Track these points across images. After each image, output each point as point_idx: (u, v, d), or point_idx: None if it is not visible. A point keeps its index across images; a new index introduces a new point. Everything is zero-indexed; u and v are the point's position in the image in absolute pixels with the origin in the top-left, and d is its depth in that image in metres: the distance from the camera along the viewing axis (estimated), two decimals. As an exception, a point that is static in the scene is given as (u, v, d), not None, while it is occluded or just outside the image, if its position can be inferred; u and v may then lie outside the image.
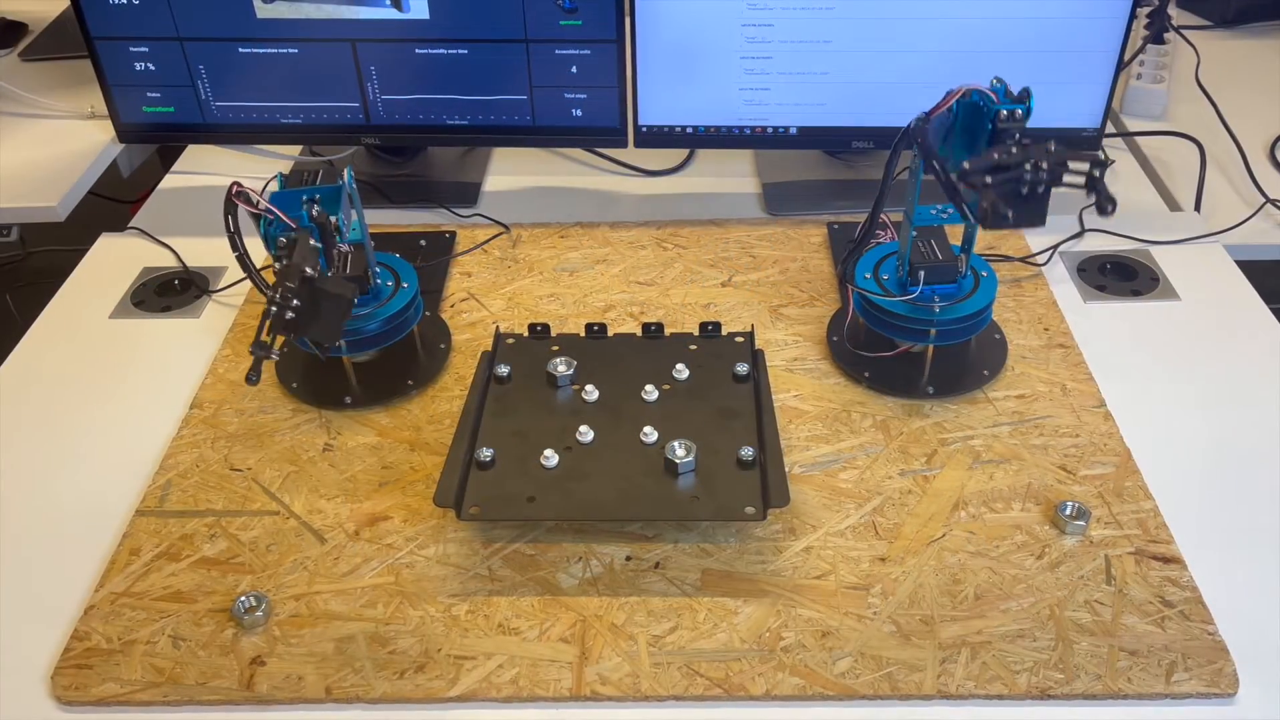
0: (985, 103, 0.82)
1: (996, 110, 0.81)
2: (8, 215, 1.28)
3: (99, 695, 0.76)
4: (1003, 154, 0.78)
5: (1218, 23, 1.67)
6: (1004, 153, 0.78)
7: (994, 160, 0.78)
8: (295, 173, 0.90)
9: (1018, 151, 0.78)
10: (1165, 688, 0.74)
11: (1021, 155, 0.78)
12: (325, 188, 0.87)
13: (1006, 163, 0.78)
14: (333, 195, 0.86)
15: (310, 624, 0.80)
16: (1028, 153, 0.78)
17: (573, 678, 0.76)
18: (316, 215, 0.84)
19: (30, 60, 1.59)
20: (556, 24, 1.16)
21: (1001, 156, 0.78)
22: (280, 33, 1.17)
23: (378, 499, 0.89)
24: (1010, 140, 0.79)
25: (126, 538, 0.86)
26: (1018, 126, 0.80)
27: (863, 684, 0.75)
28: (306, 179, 0.89)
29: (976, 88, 0.82)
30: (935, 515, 0.87)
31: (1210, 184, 1.27)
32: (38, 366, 1.06)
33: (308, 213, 0.84)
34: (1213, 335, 1.05)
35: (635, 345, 0.98)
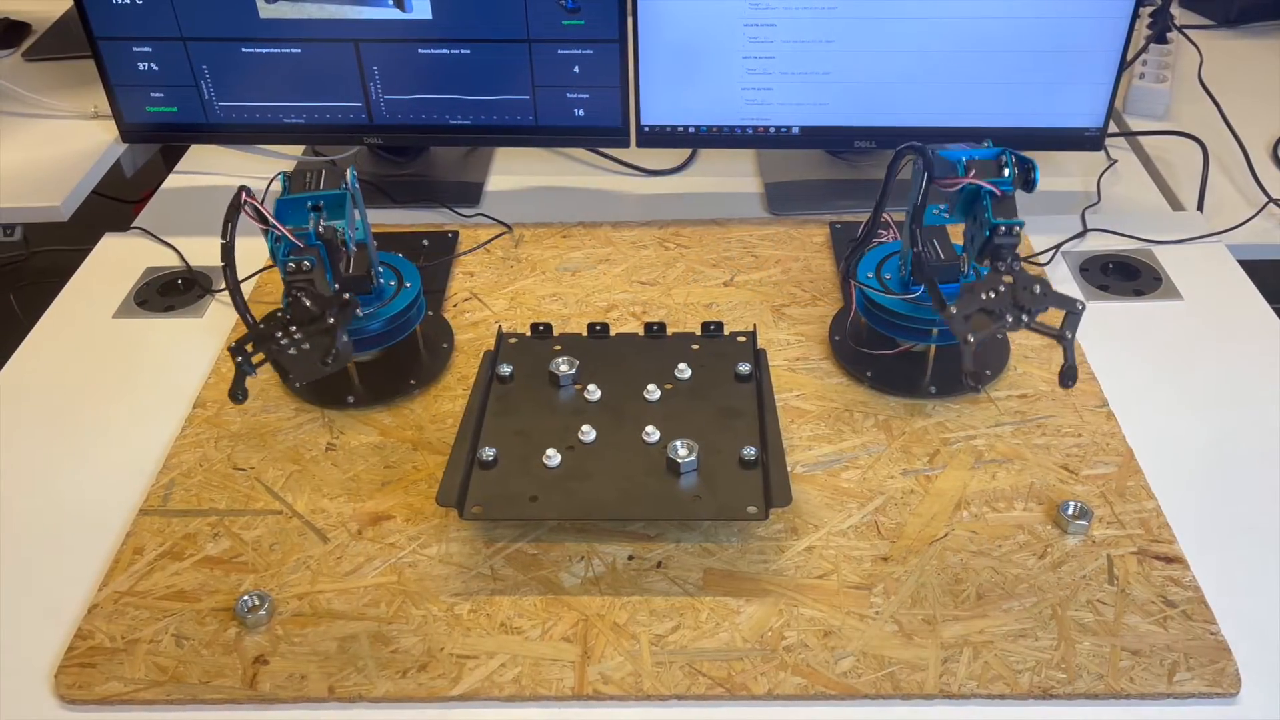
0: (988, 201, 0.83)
1: (994, 223, 0.83)
2: (11, 215, 1.29)
3: (102, 694, 0.76)
4: (989, 292, 0.81)
5: (1220, 22, 1.66)
6: (991, 290, 0.81)
7: (981, 302, 0.81)
8: (298, 173, 0.90)
9: (1004, 292, 0.81)
10: (1167, 687, 0.74)
11: (1008, 298, 0.81)
12: (329, 194, 0.87)
13: (990, 307, 0.81)
14: (337, 201, 0.86)
15: (313, 623, 0.80)
16: (1014, 294, 0.81)
17: (575, 677, 0.76)
18: (323, 232, 0.83)
19: (34, 60, 1.59)
20: (559, 24, 1.16)
21: (988, 297, 0.81)
22: (283, 33, 1.17)
23: (380, 498, 0.89)
24: (1002, 265, 0.82)
25: (130, 537, 0.87)
26: (1013, 246, 0.82)
27: (865, 683, 0.75)
28: (309, 179, 0.89)
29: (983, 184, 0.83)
30: (937, 515, 0.87)
31: (1213, 183, 1.27)
32: (41, 366, 1.06)
33: (314, 230, 0.84)
34: (1215, 335, 1.05)
35: (637, 345, 0.98)
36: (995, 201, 0.83)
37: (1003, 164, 0.84)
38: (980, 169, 0.85)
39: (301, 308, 0.82)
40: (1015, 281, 0.82)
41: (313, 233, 0.84)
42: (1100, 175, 1.29)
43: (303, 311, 0.82)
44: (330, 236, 0.84)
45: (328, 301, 0.83)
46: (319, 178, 0.89)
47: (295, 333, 0.82)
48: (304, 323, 0.82)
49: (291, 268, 0.82)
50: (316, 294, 0.82)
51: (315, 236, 0.84)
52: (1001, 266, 0.81)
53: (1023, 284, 0.82)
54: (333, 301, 0.83)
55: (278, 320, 0.83)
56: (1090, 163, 1.32)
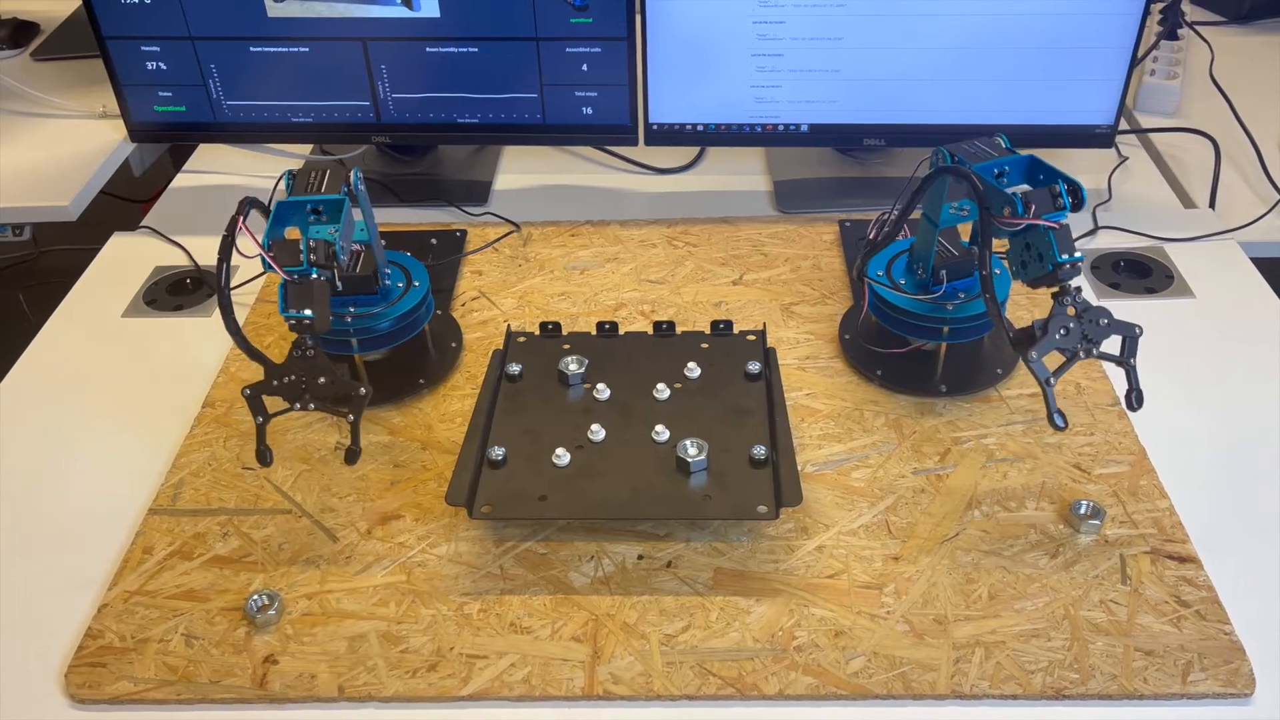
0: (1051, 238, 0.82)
1: (1059, 260, 0.82)
2: (20, 214, 1.29)
3: (112, 693, 0.76)
4: (1061, 330, 0.81)
5: (1231, 19, 1.66)
6: (1062, 327, 0.81)
7: (1056, 343, 0.81)
8: (303, 171, 0.89)
9: (1074, 328, 0.81)
10: (1181, 688, 0.74)
11: (1078, 333, 0.82)
12: (328, 198, 0.85)
13: (1063, 345, 0.82)
14: (335, 206, 0.85)
15: (322, 622, 0.80)
16: (1083, 328, 0.82)
17: (585, 677, 0.76)
18: (316, 259, 0.81)
19: (42, 60, 1.59)
20: (567, 22, 1.15)
21: (1062, 335, 0.81)
22: (291, 32, 1.17)
23: (389, 498, 0.89)
24: (1068, 299, 0.82)
25: (139, 536, 0.87)
26: (1075, 278, 0.82)
27: (876, 684, 0.75)
28: (313, 179, 0.88)
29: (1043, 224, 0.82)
30: (948, 514, 0.86)
31: (1225, 181, 1.26)
32: (50, 365, 1.06)
33: (308, 257, 0.81)
34: (1228, 333, 1.05)
35: (646, 344, 0.98)
36: (1057, 236, 0.82)
37: (1057, 193, 0.82)
38: (1036, 200, 0.82)
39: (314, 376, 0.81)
40: (1081, 314, 0.82)
41: (306, 259, 0.81)
42: (1111, 172, 1.29)
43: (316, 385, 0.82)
44: (324, 261, 0.82)
45: (344, 385, 0.82)
46: (322, 178, 0.88)
47: (310, 400, 0.82)
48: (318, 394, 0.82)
49: (293, 322, 0.81)
50: (327, 368, 0.82)
51: (309, 262, 0.81)
52: (1067, 300, 0.82)
53: (1090, 317, 0.82)
54: (347, 387, 0.82)
55: (295, 384, 0.82)
56: (1101, 160, 1.31)
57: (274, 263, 0.81)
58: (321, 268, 0.81)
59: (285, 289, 0.82)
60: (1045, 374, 0.82)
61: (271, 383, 0.81)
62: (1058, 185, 0.82)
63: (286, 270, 0.81)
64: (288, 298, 0.81)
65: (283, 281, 0.82)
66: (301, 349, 0.81)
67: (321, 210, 0.85)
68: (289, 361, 0.82)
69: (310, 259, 0.81)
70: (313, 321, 0.81)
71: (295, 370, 0.81)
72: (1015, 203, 0.81)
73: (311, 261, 0.81)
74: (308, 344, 0.81)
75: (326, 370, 0.82)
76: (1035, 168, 0.88)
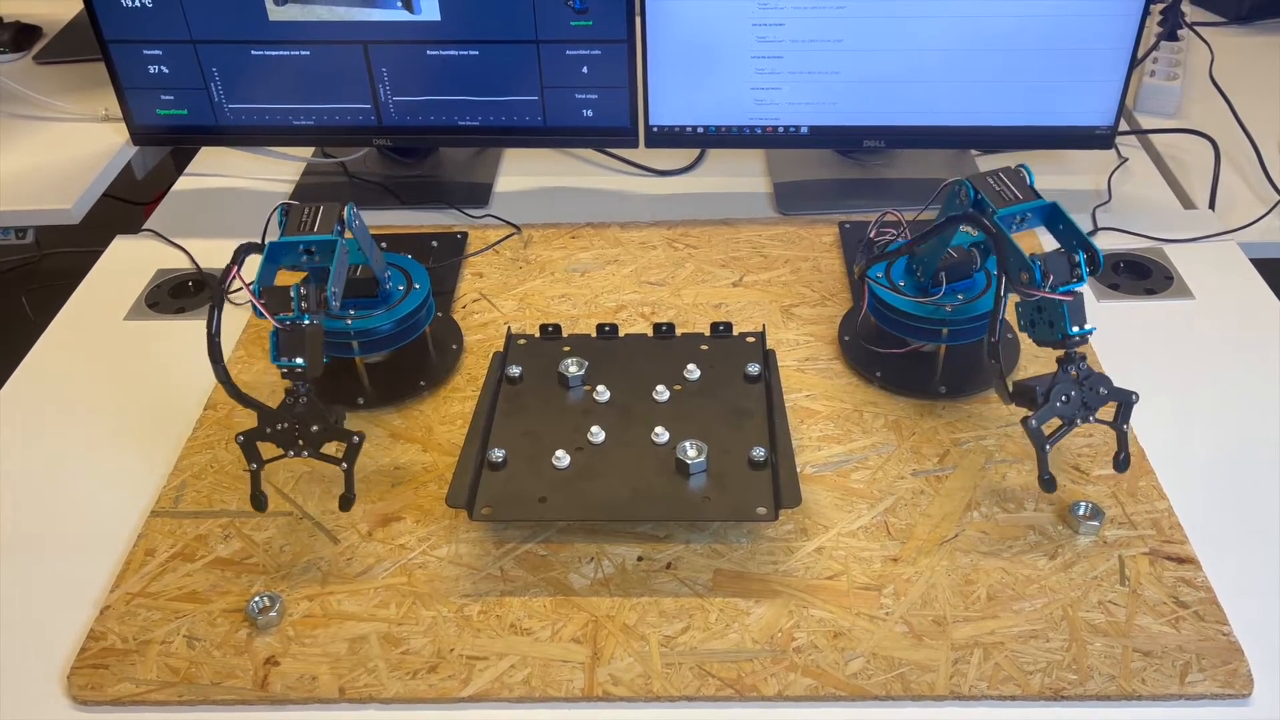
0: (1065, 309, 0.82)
1: (1069, 333, 0.82)
2: (23, 217, 1.29)
3: (114, 695, 0.76)
4: (1062, 398, 0.82)
5: (1231, 19, 1.66)
6: (1063, 395, 0.82)
7: (1057, 410, 0.83)
8: (296, 209, 0.87)
9: (1074, 396, 0.83)
10: (1180, 689, 0.74)
11: (1078, 401, 0.83)
12: (321, 238, 0.84)
13: (1063, 413, 0.83)
14: (327, 247, 0.84)
15: (324, 624, 0.80)
16: (1083, 396, 0.83)
17: (584, 678, 0.76)
18: (307, 306, 0.80)
19: (44, 63, 1.60)
20: (567, 24, 1.16)
21: (1063, 403, 0.82)
22: (292, 35, 1.18)
23: (390, 499, 0.90)
24: (1073, 367, 0.83)
25: (142, 538, 0.87)
26: (1082, 353, 0.83)
27: (875, 684, 0.75)
28: (306, 216, 0.86)
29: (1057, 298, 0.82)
30: (948, 515, 0.87)
31: (1225, 181, 1.26)
32: (53, 368, 1.06)
33: (298, 305, 0.80)
34: (1227, 334, 1.05)
35: (646, 345, 0.98)
36: (1070, 308, 0.82)
37: (1075, 263, 0.82)
38: (1054, 270, 0.81)
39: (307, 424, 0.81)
40: (1082, 381, 0.83)
41: (297, 306, 0.80)
42: (1111, 174, 1.29)
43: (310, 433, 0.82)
44: (314, 308, 0.81)
45: (337, 433, 0.82)
46: (315, 216, 0.86)
47: (304, 448, 0.82)
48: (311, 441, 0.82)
49: (285, 371, 0.81)
50: (321, 415, 0.82)
51: (300, 309, 0.80)
52: (1072, 369, 0.83)
53: (1090, 384, 0.83)
54: (340, 435, 0.82)
55: (288, 431, 0.81)
56: (1101, 161, 1.31)
57: (265, 310, 0.80)
58: (313, 314, 0.81)
59: (276, 336, 0.80)
60: (1043, 440, 0.83)
61: (265, 430, 0.81)
62: (1077, 255, 0.82)
63: (278, 318, 0.80)
64: (279, 345, 0.80)
65: (274, 329, 0.81)
66: (295, 397, 0.81)
67: (314, 250, 0.84)
68: (283, 408, 0.81)
69: (301, 306, 0.80)
70: (304, 369, 0.80)
71: (289, 418, 0.81)
72: (1034, 272, 0.81)
73: (303, 309, 0.80)
74: (301, 392, 0.81)
75: (320, 418, 0.81)
76: (1055, 217, 0.86)
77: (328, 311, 0.82)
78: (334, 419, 0.83)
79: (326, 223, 0.85)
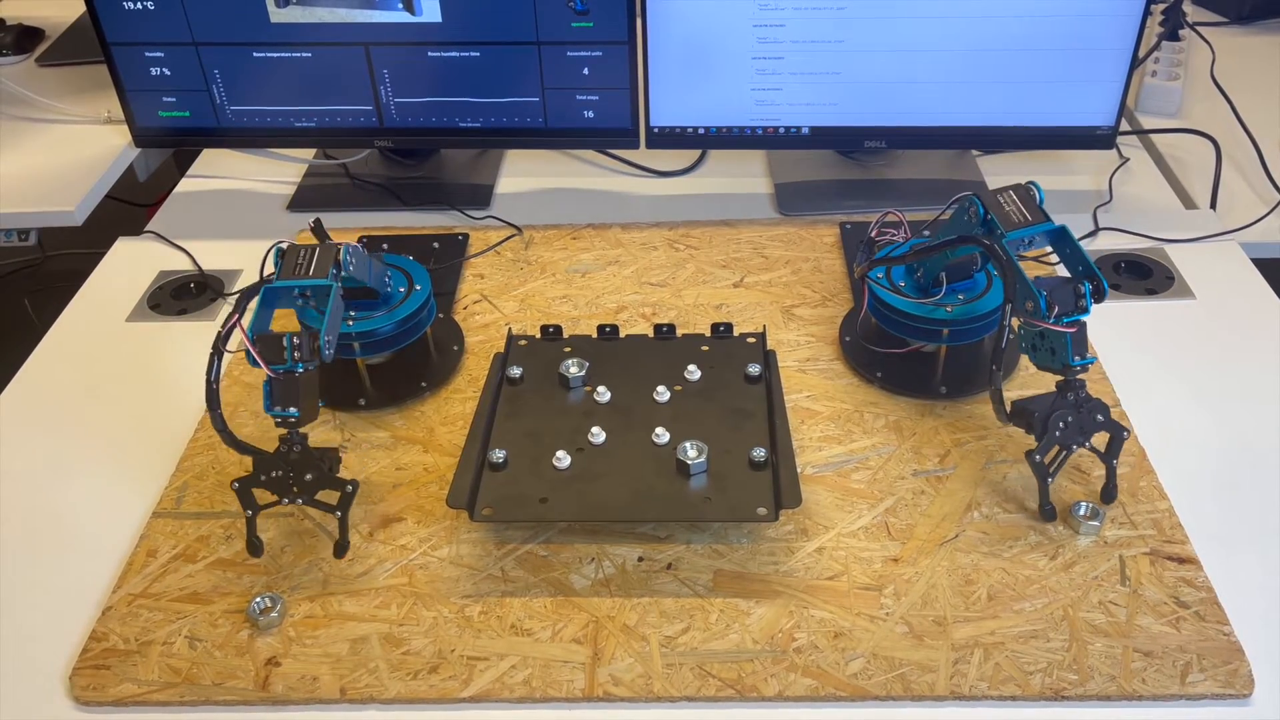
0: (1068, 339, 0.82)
1: (1070, 363, 0.82)
2: (26, 219, 1.30)
3: (116, 695, 0.76)
4: (1061, 424, 0.83)
5: (1233, 19, 1.65)
6: (1061, 421, 0.83)
7: (1057, 439, 0.83)
8: (292, 250, 0.86)
9: (1072, 423, 0.83)
10: (1180, 689, 0.74)
11: (1076, 427, 0.83)
12: (316, 283, 0.83)
13: (1063, 441, 0.84)
14: (323, 291, 0.83)
15: (325, 625, 0.80)
16: (1080, 422, 0.83)
17: (585, 678, 0.76)
18: (300, 355, 0.80)
19: (47, 65, 1.60)
20: (568, 26, 1.16)
21: (1061, 430, 0.83)
22: (294, 37, 1.18)
23: (391, 500, 0.90)
24: (1073, 395, 0.83)
25: (143, 539, 0.87)
26: (1081, 380, 0.84)
27: (875, 685, 0.75)
28: (302, 259, 0.85)
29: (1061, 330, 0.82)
30: (948, 516, 0.87)
31: (1226, 181, 1.26)
32: (55, 369, 1.07)
33: (291, 354, 0.80)
34: (1228, 334, 1.05)
35: (647, 346, 0.98)
36: (1074, 339, 0.82)
37: (1080, 294, 0.82)
38: (1059, 300, 0.81)
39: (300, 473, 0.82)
40: (1080, 406, 0.83)
41: (289, 356, 0.80)
42: (1112, 174, 1.29)
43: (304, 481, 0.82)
44: (308, 356, 0.80)
45: (331, 482, 0.82)
46: (311, 259, 0.85)
47: (298, 495, 0.82)
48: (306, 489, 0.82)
49: (279, 420, 0.81)
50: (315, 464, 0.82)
51: (292, 359, 0.80)
52: (1071, 396, 0.83)
53: (1088, 410, 0.83)
54: (334, 484, 0.82)
55: (283, 479, 0.82)
56: (1102, 161, 1.31)
57: (260, 359, 0.80)
58: (306, 362, 0.80)
59: (270, 385, 0.80)
60: (1044, 472, 0.84)
61: (260, 477, 0.81)
62: (1082, 287, 0.82)
63: (272, 368, 0.80)
64: (273, 395, 0.80)
65: (267, 378, 0.80)
66: (289, 445, 0.81)
67: (309, 294, 0.84)
68: (277, 455, 0.82)
69: (294, 356, 0.80)
70: (298, 419, 0.80)
71: (283, 465, 0.81)
72: (1039, 302, 0.81)
73: (295, 358, 0.80)
74: (295, 440, 0.81)
75: (314, 466, 0.82)
76: (1063, 241, 0.86)
77: (321, 359, 0.81)
78: (328, 466, 0.83)
79: (322, 266, 0.84)
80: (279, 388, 0.80)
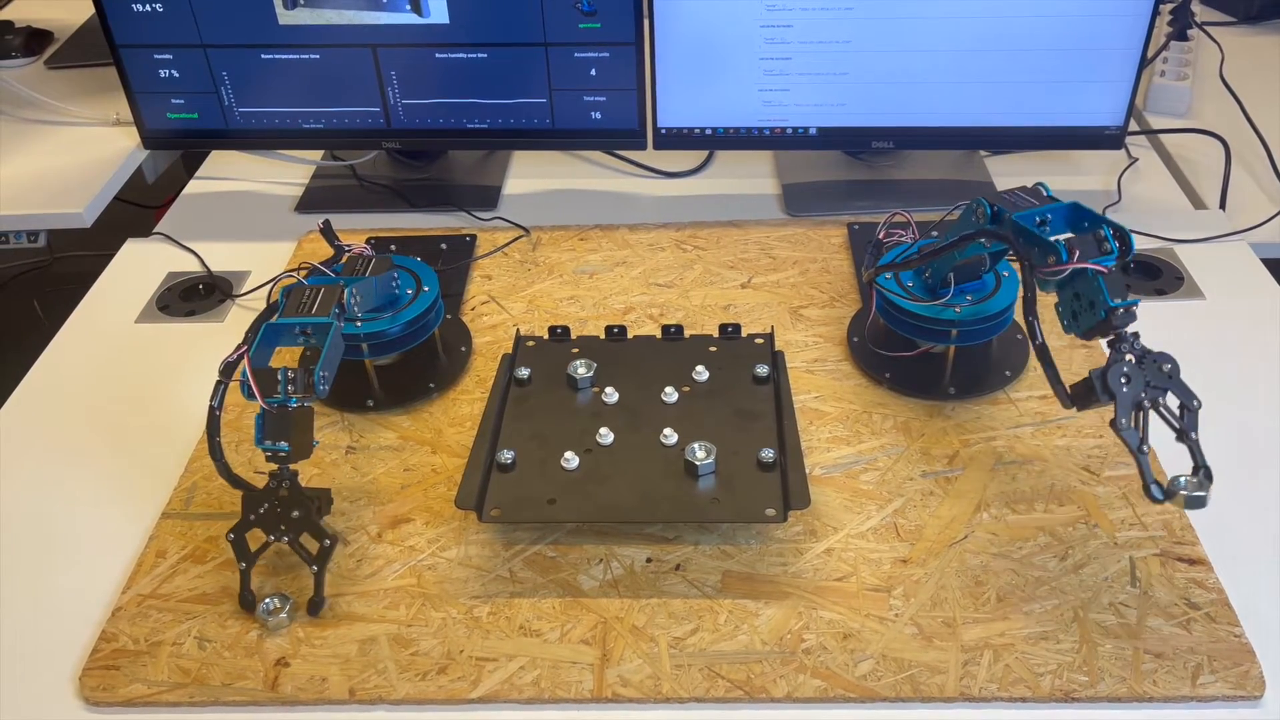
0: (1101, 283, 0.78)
1: (1111, 305, 0.77)
2: (35, 221, 1.30)
3: (126, 696, 0.76)
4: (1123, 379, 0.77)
5: (1242, 19, 1.65)
6: (1122, 376, 0.77)
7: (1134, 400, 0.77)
8: (298, 290, 0.86)
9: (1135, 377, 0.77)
10: (1191, 690, 0.73)
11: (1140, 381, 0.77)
12: (317, 320, 0.83)
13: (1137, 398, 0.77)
14: (323, 329, 0.83)
15: (333, 625, 0.80)
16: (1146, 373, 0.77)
17: (594, 679, 0.76)
18: (295, 390, 0.79)
19: (56, 68, 1.60)
20: (575, 27, 1.16)
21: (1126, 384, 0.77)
22: (302, 39, 1.18)
23: (400, 501, 0.90)
24: (1126, 345, 0.78)
25: (153, 540, 0.87)
26: (1133, 332, 0.78)
27: (884, 686, 0.75)
28: (307, 298, 0.85)
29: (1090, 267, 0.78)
30: (957, 517, 0.86)
31: (1235, 181, 1.26)
32: (64, 371, 1.07)
33: (285, 388, 0.79)
34: (1238, 334, 1.04)
35: (655, 347, 0.98)
36: (1107, 280, 0.78)
37: (1102, 238, 0.79)
38: (1081, 246, 0.78)
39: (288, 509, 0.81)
40: (1140, 360, 0.78)
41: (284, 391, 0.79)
42: (1121, 174, 1.29)
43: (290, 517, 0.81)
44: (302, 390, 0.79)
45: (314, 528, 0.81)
46: (315, 300, 0.85)
47: (285, 531, 0.81)
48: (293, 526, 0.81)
49: (269, 455, 0.80)
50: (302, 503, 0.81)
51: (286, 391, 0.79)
52: (1125, 348, 0.78)
53: (1151, 361, 0.78)
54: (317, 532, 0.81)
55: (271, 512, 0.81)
56: (1111, 161, 1.31)
57: (255, 389, 0.79)
58: (300, 397, 0.79)
59: (263, 419, 0.79)
60: (1137, 440, 0.77)
61: (249, 517, 0.81)
62: (1103, 230, 0.79)
63: (266, 400, 0.79)
64: (265, 428, 0.79)
65: (261, 411, 0.79)
66: (278, 481, 0.81)
67: (310, 332, 0.83)
68: (266, 490, 0.81)
69: (289, 390, 0.79)
70: (288, 454, 0.80)
71: (273, 499, 0.81)
72: (1059, 250, 0.78)
73: (289, 392, 0.79)
74: (284, 476, 0.81)
75: (301, 504, 0.81)
76: (1078, 214, 0.84)
77: (316, 395, 0.80)
78: (316, 506, 0.82)
79: (325, 305, 0.84)
80: (271, 421, 0.79)
